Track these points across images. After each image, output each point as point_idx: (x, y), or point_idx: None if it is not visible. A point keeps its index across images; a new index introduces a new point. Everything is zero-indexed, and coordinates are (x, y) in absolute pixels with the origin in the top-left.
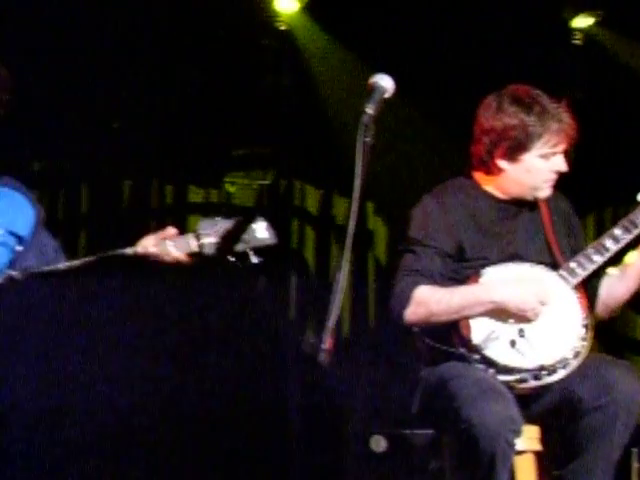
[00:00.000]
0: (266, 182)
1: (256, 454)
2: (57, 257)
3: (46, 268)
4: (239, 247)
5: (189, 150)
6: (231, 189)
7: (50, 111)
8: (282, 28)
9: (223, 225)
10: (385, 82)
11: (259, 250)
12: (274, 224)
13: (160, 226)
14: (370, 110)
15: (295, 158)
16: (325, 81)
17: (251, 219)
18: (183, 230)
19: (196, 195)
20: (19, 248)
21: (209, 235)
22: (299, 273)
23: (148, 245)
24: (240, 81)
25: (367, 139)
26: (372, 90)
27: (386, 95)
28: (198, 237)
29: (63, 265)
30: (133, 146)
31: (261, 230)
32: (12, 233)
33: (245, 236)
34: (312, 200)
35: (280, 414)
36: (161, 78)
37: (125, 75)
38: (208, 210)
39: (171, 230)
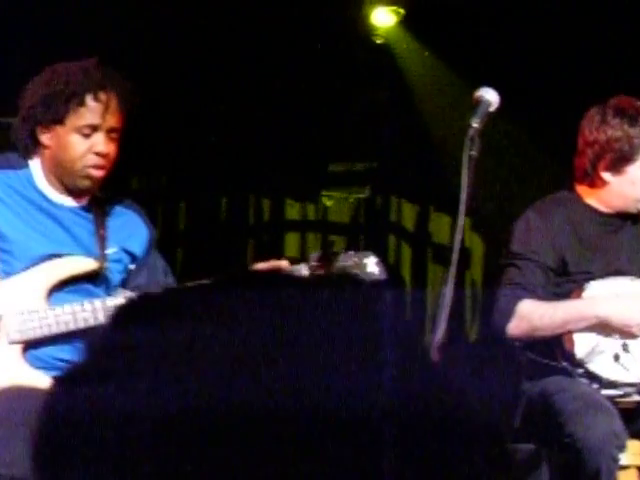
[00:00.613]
0: (363, 196)
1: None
2: (166, 278)
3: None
4: None
5: (286, 165)
6: (328, 203)
7: (147, 127)
8: (379, 42)
9: (334, 257)
10: (490, 96)
11: None
12: (370, 240)
13: (257, 243)
14: (475, 124)
15: (392, 174)
16: (422, 95)
17: (361, 253)
18: (281, 247)
19: (292, 208)
20: (132, 266)
21: (320, 267)
22: (395, 291)
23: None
24: (337, 96)
25: (472, 152)
26: (477, 104)
27: (491, 109)
28: (310, 268)
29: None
30: (231, 161)
31: (371, 265)
32: (126, 251)
33: (355, 270)
34: (408, 216)
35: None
36: (258, 92)
37: (222, 89)
38: (305, 228)
39: (284, 262)
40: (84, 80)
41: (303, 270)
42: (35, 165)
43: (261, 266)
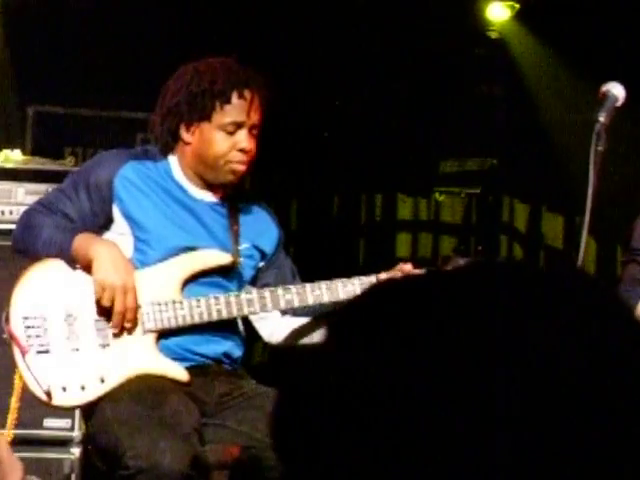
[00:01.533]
0: (475, 191)
1: None
2: (294, 279)
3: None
4: None
5: (399, 161)
6: (440, 198)
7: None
8: (494, 37)
9: (459, 263)
10: (617, 90)
11: None
12: (482, 241)
13: (369, 242)
14: (602, 118)
15: (504, 171)
16: (538, 90)
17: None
18: (392, 246)
19: (404, 204)
20: (261, 264)
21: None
22: None
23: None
24: (451, 91)
25: (600, 148)
26: (604, 98)
27: (618, 104)
28: None
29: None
30: (343, 158)
31: None
32: (257, 248)
33: None
34: (521, 216)
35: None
36: (370, 88)
37: (334, 85)
38: (417, 228)
39: (406, 266)
40: (229, 78)
41: None
42: (173, 159)
43: (389, 274)
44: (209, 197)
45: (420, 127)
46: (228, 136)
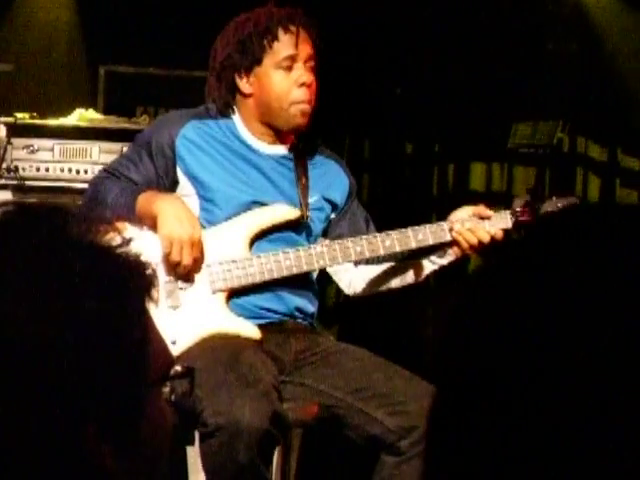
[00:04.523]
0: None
1: None
2: (368, 228)
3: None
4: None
5: (471, 126)
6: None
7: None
8: None
9: (540, 203)
10: None
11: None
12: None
13: (441, 215)
14: None
15: (577, 137)
16: (615, 47)
17: (565, 199)
18: None
19: (477, 167)
20: (333, 216)
21: (524, 213)
22: None
23: (463, 217)
24: (524, 48)
25: None
26: None
27: None
28: (514, 214)
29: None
30: (414, 125)
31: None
32: (327, 200)
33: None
34: (593, 187)
35: None
36: (443, 47)
37: (408, 46)
38: (489, 199)
39: (483, 207)
40: (271, 17)
41: (508, 217)
42: (236, 117)
43: (462, 211)
44: (275, 151)
45: (492, 88)
46: (286, 73)
